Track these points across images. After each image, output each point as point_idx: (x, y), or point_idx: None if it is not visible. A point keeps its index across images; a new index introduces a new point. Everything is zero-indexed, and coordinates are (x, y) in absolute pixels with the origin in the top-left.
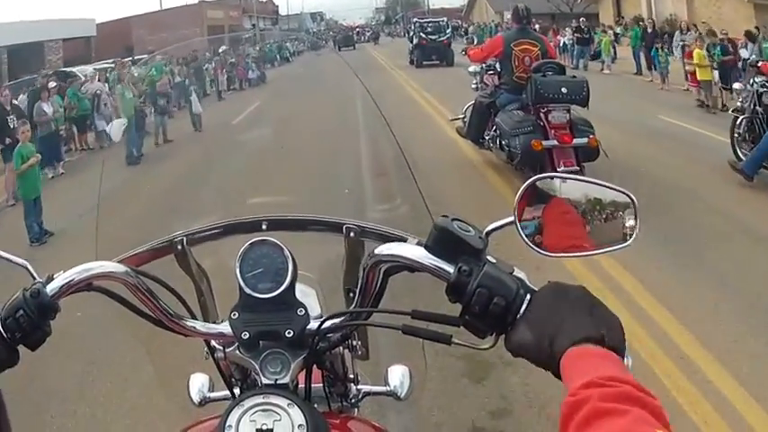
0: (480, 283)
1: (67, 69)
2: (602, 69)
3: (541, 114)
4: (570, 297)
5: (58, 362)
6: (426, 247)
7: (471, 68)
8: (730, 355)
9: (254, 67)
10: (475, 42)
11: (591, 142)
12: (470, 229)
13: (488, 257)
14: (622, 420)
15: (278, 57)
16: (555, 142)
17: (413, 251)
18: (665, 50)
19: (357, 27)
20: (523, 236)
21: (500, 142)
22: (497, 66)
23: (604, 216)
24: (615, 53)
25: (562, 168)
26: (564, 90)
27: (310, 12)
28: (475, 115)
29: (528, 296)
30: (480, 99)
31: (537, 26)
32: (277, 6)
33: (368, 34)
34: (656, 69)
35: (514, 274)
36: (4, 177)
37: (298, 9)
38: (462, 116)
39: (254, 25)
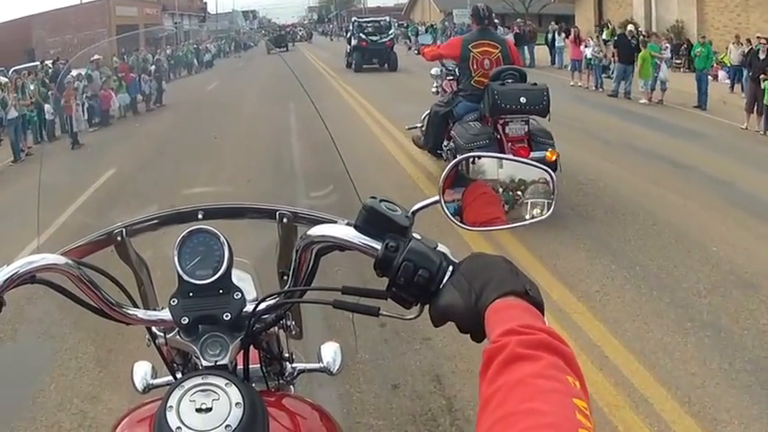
0: (406, 257)
1: None
2: (652, 99)
3: (499, 126)
4: (492, 261)
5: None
6: (356, 227)
7: (433, 71)
8: None
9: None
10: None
11: (549, 155)
12: (397, 208)
13: (414, 234)
14: (537, 365)
15: (196, 61)
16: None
17: (343, 231)
18: None
19: (289, 26)
20: (447, 212)
21: (455, 156)
22: (456, 71)
23: (526, 191)
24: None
25: None
26: (523, 100)
27: (242, 10)
28: (431, 125)
29: (450, 268)
30: (436, 108)
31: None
32: (205, 4)
33: (300, 33)
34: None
35: (438, 248)
36: None
37: (228, 7)
38: (420, 125)
39: (176, 24)
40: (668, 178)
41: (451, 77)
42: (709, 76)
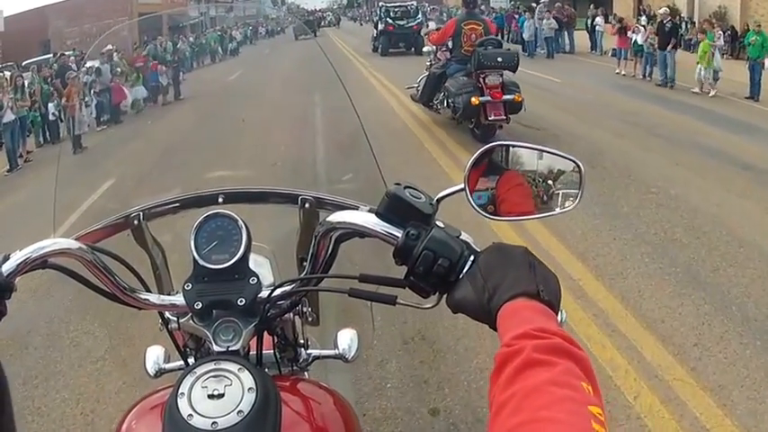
0: (426, 246)
1: None
2: (704, 89)
3: (481, 78)
4: (511, 256)
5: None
6: (377, 214)
7: (426, 49)
8: None
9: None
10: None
11: (516, 98)
12: (421, 195)
13: (437, 222)
14: (552, 372)
15: (220, 49)
16: (489, 98)
17: (363, 217)
18: None
19: (318, 11)
20: (472, 202)
21: (447, 101)
22: (449, 43)
23: (552, 181)
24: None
25: (492, 118)
26: (499, 59)
27: None
28: (428, 83)
29: (471, 257)
30: (434, 70)
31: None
32: None
33: (328, 18)
34: None
35: (461, 237)
36: None
37: None
38: (416, 85)
39: (202, 14)
40: (740, 183)
41: (445, 49)
42: None
